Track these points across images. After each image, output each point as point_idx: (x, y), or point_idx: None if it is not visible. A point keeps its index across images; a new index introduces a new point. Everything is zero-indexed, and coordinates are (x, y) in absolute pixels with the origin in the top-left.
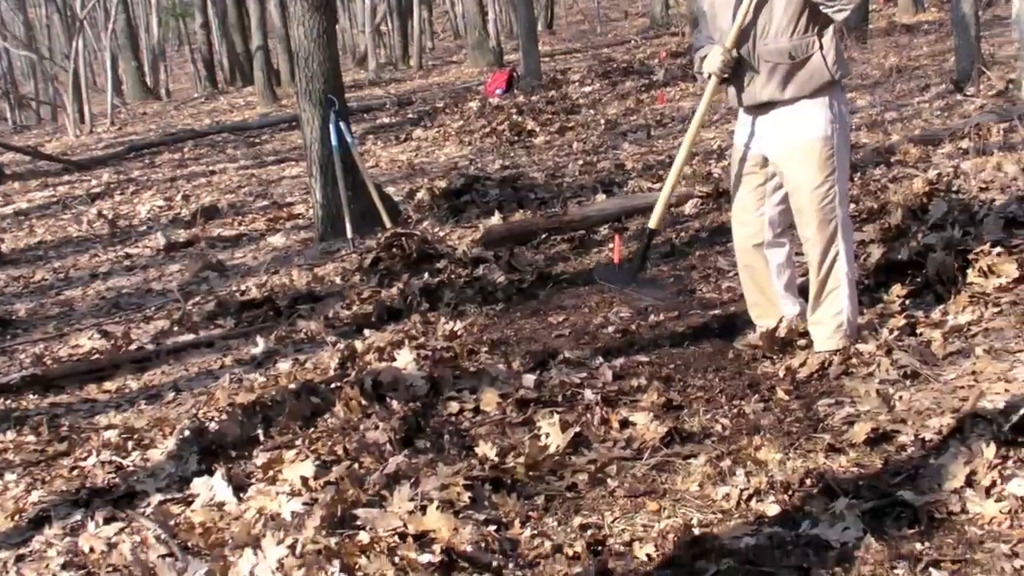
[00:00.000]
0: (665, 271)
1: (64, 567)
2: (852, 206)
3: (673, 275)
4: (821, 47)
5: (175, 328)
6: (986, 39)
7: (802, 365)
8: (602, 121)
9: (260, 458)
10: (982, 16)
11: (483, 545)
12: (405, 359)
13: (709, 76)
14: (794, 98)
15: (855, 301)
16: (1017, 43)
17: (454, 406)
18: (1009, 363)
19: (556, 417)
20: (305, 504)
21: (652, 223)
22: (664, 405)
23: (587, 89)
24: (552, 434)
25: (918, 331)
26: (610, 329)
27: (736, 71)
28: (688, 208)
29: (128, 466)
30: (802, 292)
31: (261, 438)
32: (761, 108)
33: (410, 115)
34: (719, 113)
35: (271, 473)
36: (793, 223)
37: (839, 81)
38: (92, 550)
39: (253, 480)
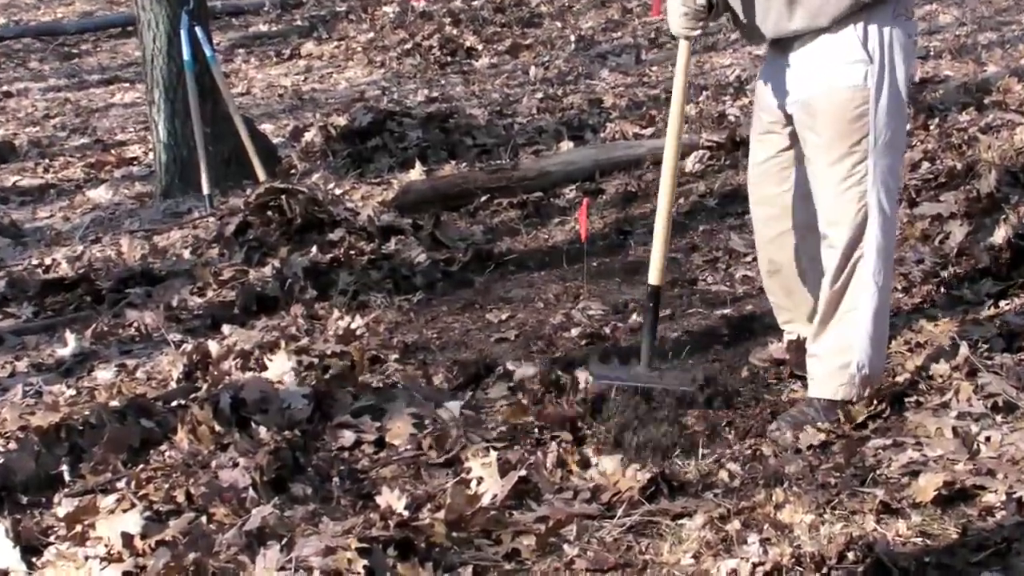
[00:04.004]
0: None
1: None
2: (926, 164)
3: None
4: None
5: None
6: None
7: None
8: (572, 38)
9: (64, 506)
10: None
11: None
12: (280, 368)
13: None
14: (807, 30)
15: (882, 336)
16: None
17: (348, 437)
18: None
19: (493, 455)
20: (127, 574)
21: (652, 278)
22: (648, 442)
23: None
24: (486, 479)
25: (1015, 345)
26: (574, 332)
27: None
28: (691, 164)
29: None
30: None
31: (67, 477)
32: (776, 44)
33: (298, 22)
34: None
35: (79, 528)
36: None
37: (878, 5)
38: None
39: (52, 538)
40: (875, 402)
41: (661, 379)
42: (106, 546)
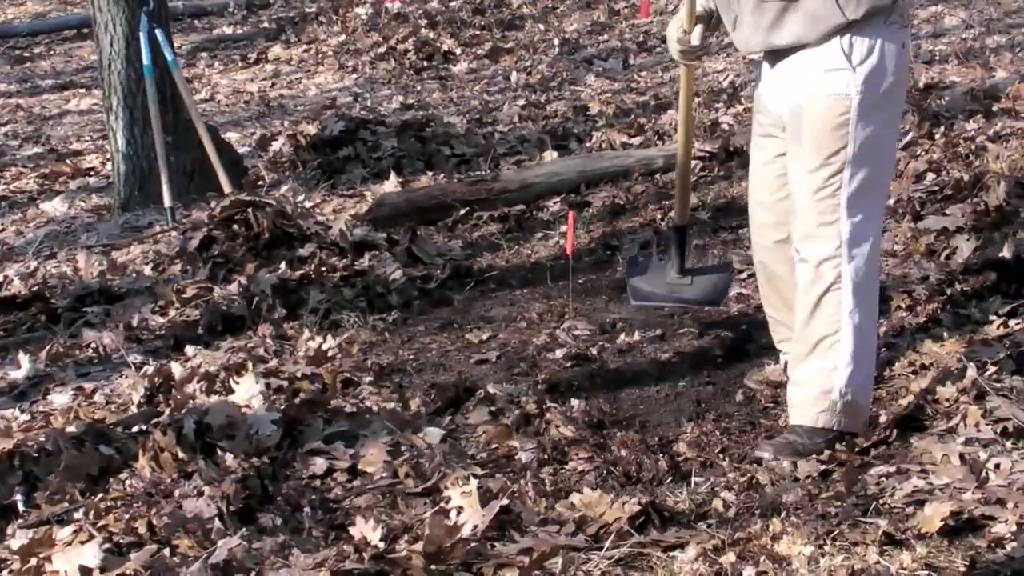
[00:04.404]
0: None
1: None
2: (931, 175)
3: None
4: None
5: None
6: None
7: None
8: (556, 41)
9: (18, 538)
10: None
11: None
12: (247, 392)
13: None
14: (796, 44)
15: (867, 359)
16: None
17: (320, 464)
18: None
19: (473, 484)
20: None
21: (677, 217)
22: (636, 469)
23: None
24: (467, 509)
25: None
26: (558, 354)
27: (723, 6)
28: None
29: None
30: None
31: (20, 508)
32: (768, 51)
33: (265, 24)
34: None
35: (34, 562)
36: None
37: (867, 18)
38: None
39: (5, 572)
40: (878, 428)
41: (692, 290)
42: None
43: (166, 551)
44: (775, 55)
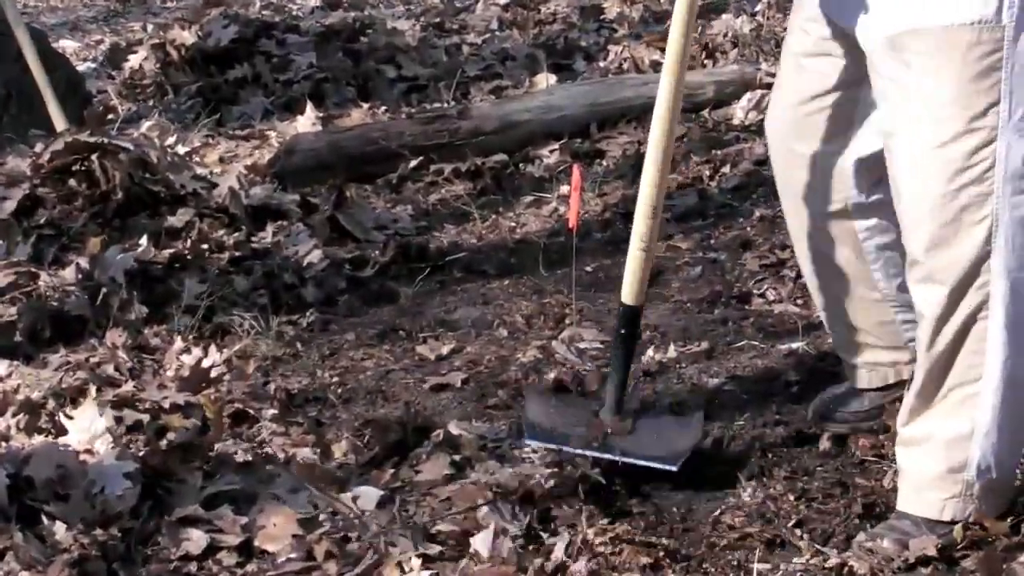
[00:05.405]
0: (684, 249)
1: None
2: None
3: (701, 258)
4: None
5: None
6: None
7: None
8: None
9: None
10: None
11: None
12: (88, 430)
13: None
14: None
15: (1017, 428)
16: None
17: (197, 539)
18: None
19: (416, 567)
20: None
21: (626, 295)
22: (669, 554)
23: None
24: None
25: None
26: (554, 376)
27: None
28: (742, 112)
29: None
30: None
31: None
32: None
33: None
34: None
35: None
36: None
37: None
38: None
39: None
40: None
41: (630, 443)
42: None
43: None
44: None
